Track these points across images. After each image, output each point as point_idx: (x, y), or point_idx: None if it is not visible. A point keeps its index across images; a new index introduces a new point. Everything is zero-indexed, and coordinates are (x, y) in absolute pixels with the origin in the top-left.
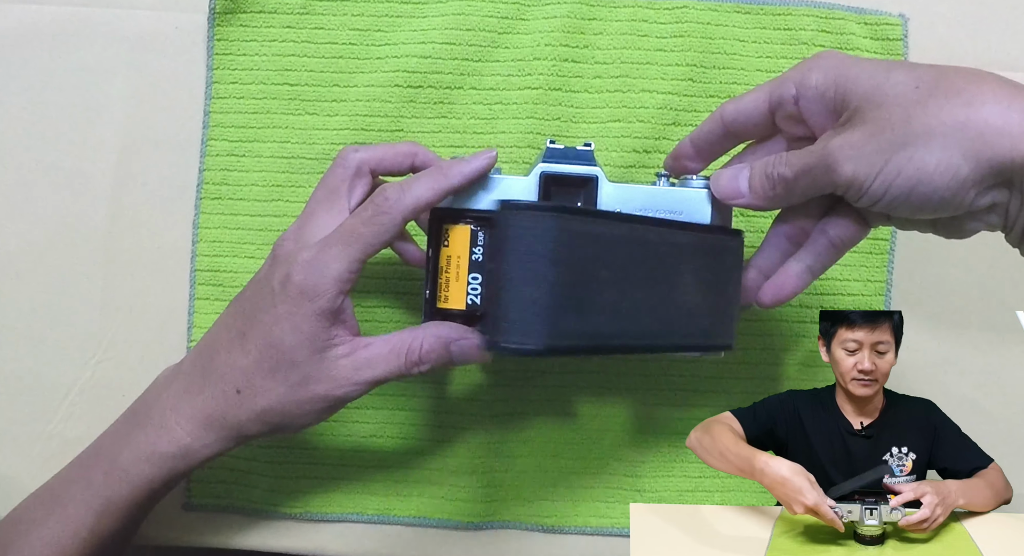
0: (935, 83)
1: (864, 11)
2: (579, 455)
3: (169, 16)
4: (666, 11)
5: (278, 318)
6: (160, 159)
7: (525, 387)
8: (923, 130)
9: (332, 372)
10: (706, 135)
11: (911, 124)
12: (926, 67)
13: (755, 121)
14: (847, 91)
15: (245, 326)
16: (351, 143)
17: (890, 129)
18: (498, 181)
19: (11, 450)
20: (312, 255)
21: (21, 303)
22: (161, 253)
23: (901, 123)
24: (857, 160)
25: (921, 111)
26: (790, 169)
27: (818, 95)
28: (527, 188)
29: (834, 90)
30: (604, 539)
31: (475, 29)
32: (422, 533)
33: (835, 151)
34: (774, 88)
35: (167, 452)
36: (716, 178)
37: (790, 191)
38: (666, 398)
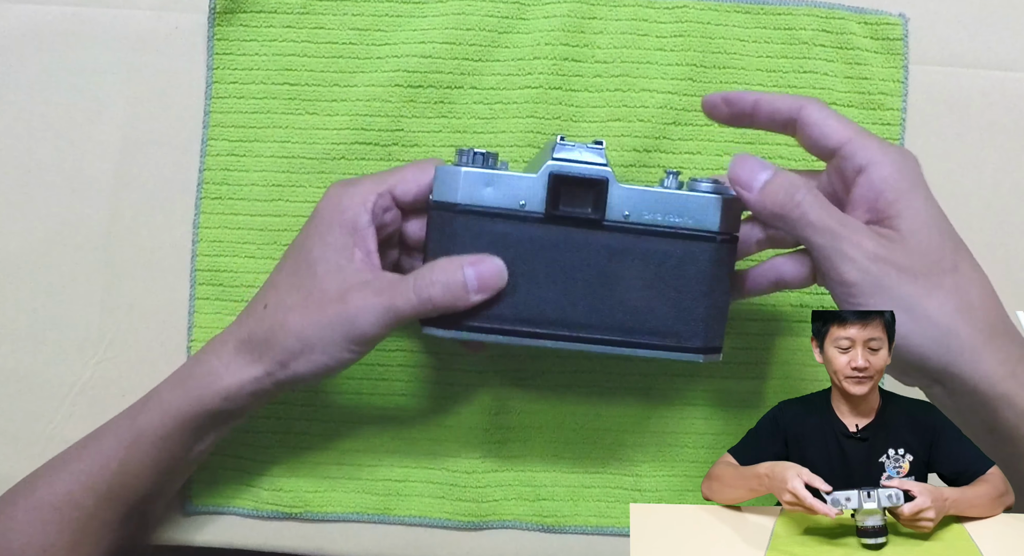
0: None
1: (864, 11)
2: (579, 455)
3: (169, 16)
4: (666, 11)
5: (309, 234)
6: (160, 159)
7: (525, 387)
8: (929, 307)
9: (352, 293)
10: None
11: (925, 291)
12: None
13: (814, 145)
14: (902, 215)
15: (286, 252)
16: (351, 143)
17: (909, 281)
18: (503, 178)
19: (11, 450)
20: (343, 184)
21: (21, 303)
22: (161, 253)
23: (920, 280)
24: (863, 276)
25: (940, 293)
26: (813, 213)
27: (875, 190)
28: (533, 188)
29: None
30: (604, 539)
31: (475, 29)
32: (422, 533)
33: (850, 251)
34: (851, 148)
35: (196, 377)
36: (739, 161)
37: (793, 226)
38: (666, 398)
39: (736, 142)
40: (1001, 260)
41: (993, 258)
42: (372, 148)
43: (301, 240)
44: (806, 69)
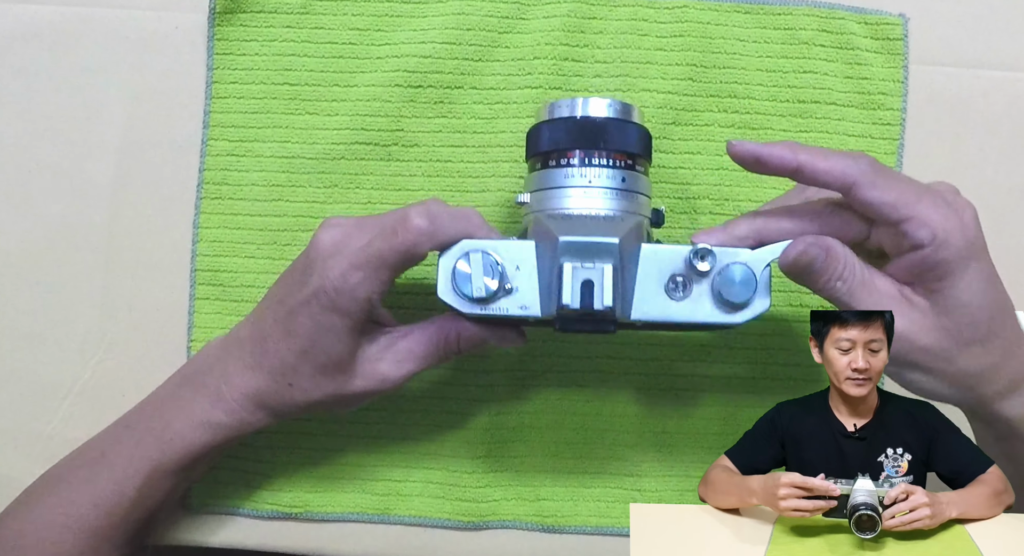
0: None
1: (864, 11)
2: (579, 455)
3: (169, 16)
4: (666, 11)
5: (320, 327)
6: (160, 159)
7: (525, 387)
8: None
9: (376, 367)
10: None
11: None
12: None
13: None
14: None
15: (290, 322)
16: (351, 143)
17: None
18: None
19: (11, 450)
20: (342, 273)
21: (21, 303)
22: (161, 253)
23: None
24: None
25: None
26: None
27: (927, 266)
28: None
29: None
30: (604, 539)
31: (475, 29)
32: (422, 533)
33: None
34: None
35: (222, 422)
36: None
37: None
38: (667, 398)
39: None
40: (1001, 260)
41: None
42: (372, 148)
43: (311, 328)
44: (806, 69)
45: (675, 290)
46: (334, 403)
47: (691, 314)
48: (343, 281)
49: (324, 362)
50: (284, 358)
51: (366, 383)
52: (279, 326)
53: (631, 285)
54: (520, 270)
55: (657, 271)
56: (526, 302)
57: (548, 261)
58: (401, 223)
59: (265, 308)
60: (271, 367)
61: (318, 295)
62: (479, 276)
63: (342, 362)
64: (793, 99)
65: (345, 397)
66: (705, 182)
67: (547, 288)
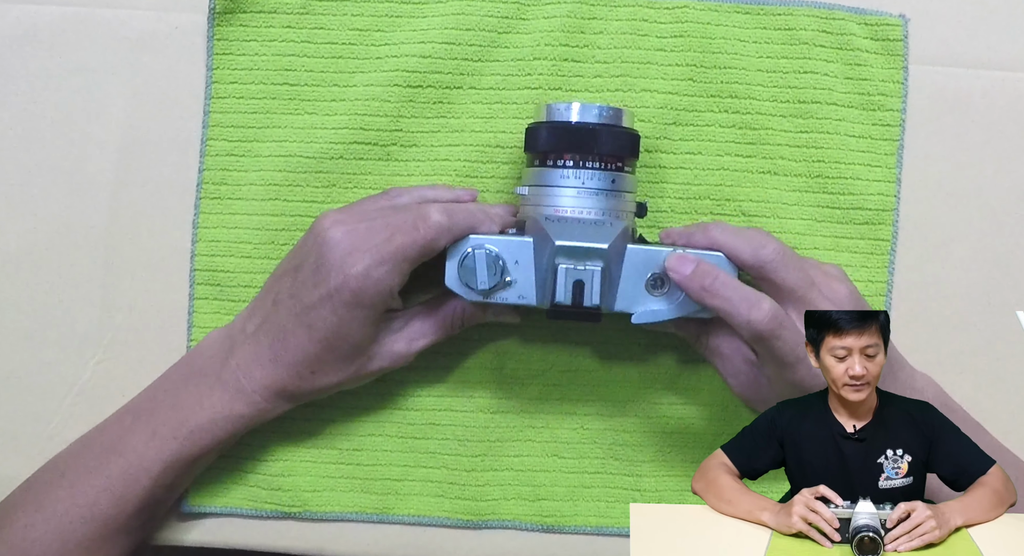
0: None
1: (864, 11)
2: (579, 455)
3: (169, 16)
4: (666, 11)
5: (342, 321)
6: (160, 159)
7: (524, 386)
8: None
9: (391, 348)
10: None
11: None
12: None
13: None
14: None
15: (309, 317)
16: (350, 143)
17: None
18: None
19: (11, 450)
20: (366, 268)
21: (21, 303)
22: (161, 253)
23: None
24: None
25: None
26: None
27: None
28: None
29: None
30: (604, 539)
31: (475, 29)
32: (422, 533)
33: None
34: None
35: (245, 413)
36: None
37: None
38: (666, 399)
39: (736, 142)
40: (1001, 260)
41: (993, 258)
42: (371, 148)
43: (334, 321)
44: (806, 69)
45: (655, 287)
46: (351, 382)
47: (667, 307)
48: (366, 276)
49: (347, 351)
50: (307, 351)
51: (383, 362)
52: (298, 321)
53: (616, 281)
54: (519, 265)
55: (639, 270)
56: (523, 293)
57: (544, 259)
58: (422, 220)
59: (274, 302)
60: (292, 361)
61: (340, 290)
62: (483, 270)
63: (363, 348)
64: (793, 99)
65: (362, 376)
66: (705, 182)
67: (542, 283)
